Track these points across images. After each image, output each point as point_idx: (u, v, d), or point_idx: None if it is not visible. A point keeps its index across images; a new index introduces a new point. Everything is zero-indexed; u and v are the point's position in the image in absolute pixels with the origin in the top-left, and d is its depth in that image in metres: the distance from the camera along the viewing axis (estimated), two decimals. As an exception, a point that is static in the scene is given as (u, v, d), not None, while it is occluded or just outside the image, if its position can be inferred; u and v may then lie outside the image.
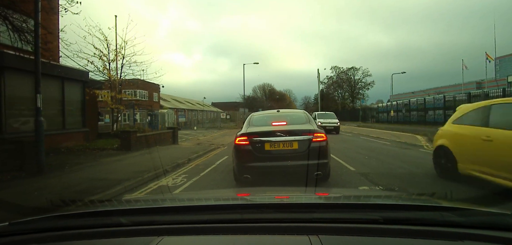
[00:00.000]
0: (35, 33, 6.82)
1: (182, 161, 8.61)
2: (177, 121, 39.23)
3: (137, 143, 11.34)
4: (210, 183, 6.16)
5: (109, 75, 15.74)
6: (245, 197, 1.97)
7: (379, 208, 1.40)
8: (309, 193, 2.47)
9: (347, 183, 5.65)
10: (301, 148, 4.86)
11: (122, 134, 11.27)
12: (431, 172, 6.00)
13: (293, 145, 4.90)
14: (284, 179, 4.75)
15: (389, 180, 5.80)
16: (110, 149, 10.98)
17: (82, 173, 6.81)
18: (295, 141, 4.90)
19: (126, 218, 1.27)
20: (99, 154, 10.04)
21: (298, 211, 1.36)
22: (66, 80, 12.10)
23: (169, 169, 7.46)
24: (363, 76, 62.94)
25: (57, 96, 11.73)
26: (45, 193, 4.99)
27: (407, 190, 4.99)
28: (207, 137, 20.86)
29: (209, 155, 10.48)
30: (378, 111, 38.28)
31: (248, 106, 57.01)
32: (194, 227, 1.21)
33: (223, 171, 7.23)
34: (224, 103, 78.43)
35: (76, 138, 12.42)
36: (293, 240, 1.10)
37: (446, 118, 22.44)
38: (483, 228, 1.11)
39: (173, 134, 14.89)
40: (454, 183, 5.03)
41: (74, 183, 5.81)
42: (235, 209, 1.41)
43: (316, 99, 71.96)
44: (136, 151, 10.66)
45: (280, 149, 4.91)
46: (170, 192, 5.35)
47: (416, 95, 42.23)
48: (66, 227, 1.26)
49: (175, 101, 52.43)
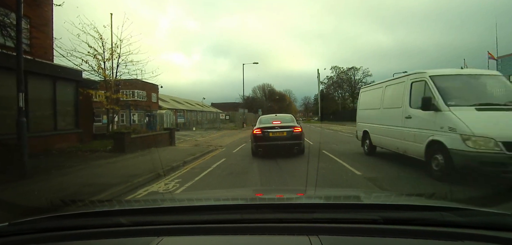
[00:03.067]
0: (17, 27, 6.38)
1: (177, 164, 8.17)
2: (176, 122, 38.78)
3: (132, 144, 10.89)
4: (204, 188, 5.72)
5: (104, 74, 15.30)
6: (245, 197, 1.95)
7: (379, 208, 1.39)
8: (309, 193, 2.44)
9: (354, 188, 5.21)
10: (287, 134, 8.90)
11: (116, 135, 10.81)
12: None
13: (283, 133, 8.91)
14: (280, 152, 8.87)
15: (397, 183, 5.37)
16: (103, 151, 10.53)
17: (69, 177, 6.36)
18: (284, 131, 8.92)
19: (126, 218, 1.26)
20: (91, 156, 9.60)
21: (298, 211, 1.35)
22: (58, 79, 11.66)
23: (162, 173, 7.01)
24: (364, 76, 62.63)
25: (48, 96, 11.30)
26: (21, 201, 4.54)
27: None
28: (206, 138, 20.44)
29: (206, 157, 10.03)
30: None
31: (248, 107, 56.60)
32: (194, 227, 1.20)
33: (219, 175, 6.79)
34: (224, 103, 78.15)
35: (69, 139, 11.98)
36: (293, 240, 1.09)
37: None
38: (483, 228, 1.11)
39: (170, 135, 14.45)
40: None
41: (57, 188, 5.37)
42: (235, 209, 1.40)
43: (316, 99, 71.66)
44: (130, 153, 10.21)
45: (277, 135, 8.89)
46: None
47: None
48: (66, 227, 1.25)
49: (174, 102, 52.00)
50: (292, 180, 5.97)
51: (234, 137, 20.64)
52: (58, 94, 11.63)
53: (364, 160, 8.12)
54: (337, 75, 65.51)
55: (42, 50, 13.20)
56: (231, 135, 23.13)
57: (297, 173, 6.49)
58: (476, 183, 4.89)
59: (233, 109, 56.70)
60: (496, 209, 1.31)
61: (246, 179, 6.35)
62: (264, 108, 63.24)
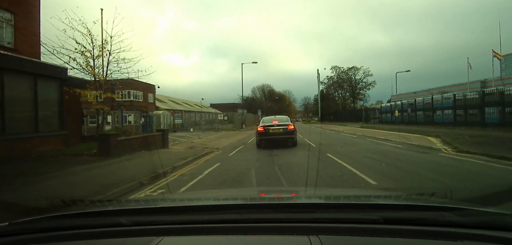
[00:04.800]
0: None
1: (164, 170, 7.28)
2: (174, 123, 37.87)
3: (119, 147, 10.00)
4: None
5: (93, 73, 14.40)
6: (245, 197, 1.95)
7: (379, 208, 1.38)
8: (309, 193, 2.41)
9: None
10: (283, 131, 11.49)
11: (101, 137, 9.92)
12: (476, 186, 4.71)
13: (280, 130, 11.53)
14: (278, 144, 11.41)
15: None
16: (86, 154, 9.64)
17: (35, 187, 5.47)
18: (281, 128, 11.53)
19: (126, 218, 1.26)
20: (72, 160, 8.70)
21: (298, 211, 1.35)
22: (40, 77, 10.78)
23: (145, 181, 6.13)
24: (364, 76, 61.74)
25: (28, 96, 10.41)
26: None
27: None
28: (202, 139, 19.56)
29: (199, 161, 9.15)
30: (381, 111, 36.93)
31: (247, 107, 55.73)
32: (194, 227, 1.21)
33: (210, 184, 5.92)
34: (223, 104, 77.50)
35: (52, 142, 11.08)
36: (293, 240, 1.08)
37: (456, 118, 21.46)
38: (483, 228, 1.10)
39: (163, 137, 13.55)
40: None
41: (3, 206, 4.45)
42: (235, 209, 1.39)
43: (316, 100, 70.78)
44: (115, 157, 9.32)
45: (275, 131, 11.48)
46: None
47: (418, 95, 40.86)
48: (66, 227, 1.26)
49: (172, 103, 51.10)
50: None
51: (232, 138, 19.77)
52: (40, 94, 10.74)
53: (376, 166, 7.23)
54: (337, 75, 64.60)
55: (28, 47, 12.36)
56: (229, 136, 22.25)
57: (300, 182, 5.61)
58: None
59: (233, 110, 55.81)
60: (496, 209, 1.33)
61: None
62: (264, 108, 62.43)
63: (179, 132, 29.88)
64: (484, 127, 17.63)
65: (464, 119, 20.26)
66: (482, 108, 18.94)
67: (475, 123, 19.06)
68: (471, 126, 18.76)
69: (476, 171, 6.39)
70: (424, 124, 24.41)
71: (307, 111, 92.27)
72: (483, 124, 18.23)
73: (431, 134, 15.44)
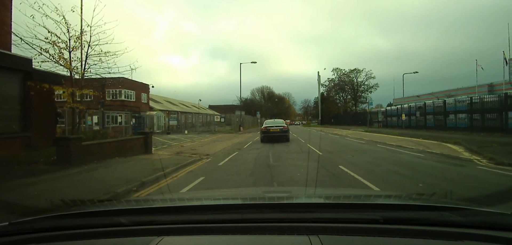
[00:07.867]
0: None
1: (128, 187, 5.49)
2: (168, 125, 36.07)
3: (84, 154, 8.23)
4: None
5: (68, 66, 12.60)
6: (245, 197, 1.93)
7: (379, 208, 1.37)
8: (309, 193, 2.35)
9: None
10: (280, 130, 17.09)
11: (59, 142, 8.14)
12: None
13: (278, 129, 17.10)
14: (276, 141, 16.29)
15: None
16: (42, 162, 7.87)
17: None
18: (278, 128, 17.18)
19: (126, 218, 1.24)
20: (18, 170, 6.94)
21: (298, 211, 1.34)
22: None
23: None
24: (367, 79, 59.96)
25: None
26: None
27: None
28: (195, 143, 17.78)
29: (179, 173, 7.37)
30: (387, 115, 35.20)
31: (246, 109, 54.05)
32: (194, 227, 1.19)
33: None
34: (222, 106, 76.01)
35: (9, 145, 9.29)
36: (293, 240, 1.07)
37: (472, 123, 19.65)
38: (483, 228, 1.09)
39: (146, 141, 11.75)
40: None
41: None
42: (235, 209, 1.39)
43: (316, 102, 69.07)
44: (76, 166, 7.53)
45: (274, 131, 17.04)
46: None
47: (422, 99, 39.17)
48: (66, 227, 1.23)
49: (168, 103, 49.32)
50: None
51: (227, 142, 18.01)
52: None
53: (413, 187, 5.46)
54: (338, 78, 62.82)
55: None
56: (225, 139, 20.47)
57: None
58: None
59: (231, 112, 54.12)
60: (496, 209, 1.32)
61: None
62: (263, 110, 60.76)
63: (173, 134, 28.07)
64: (506, 133, 15.89)
65: (481, 124, 18.51)
66: (501, 113, 17.24)
67: (494, 128, 17.32)
68: (491, 132, 17.02)
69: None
70: (435, 128, 22.67)
71: (307, 114, 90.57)
72: (504, 129, 16.50)
73: (448, 140, 13.70)
